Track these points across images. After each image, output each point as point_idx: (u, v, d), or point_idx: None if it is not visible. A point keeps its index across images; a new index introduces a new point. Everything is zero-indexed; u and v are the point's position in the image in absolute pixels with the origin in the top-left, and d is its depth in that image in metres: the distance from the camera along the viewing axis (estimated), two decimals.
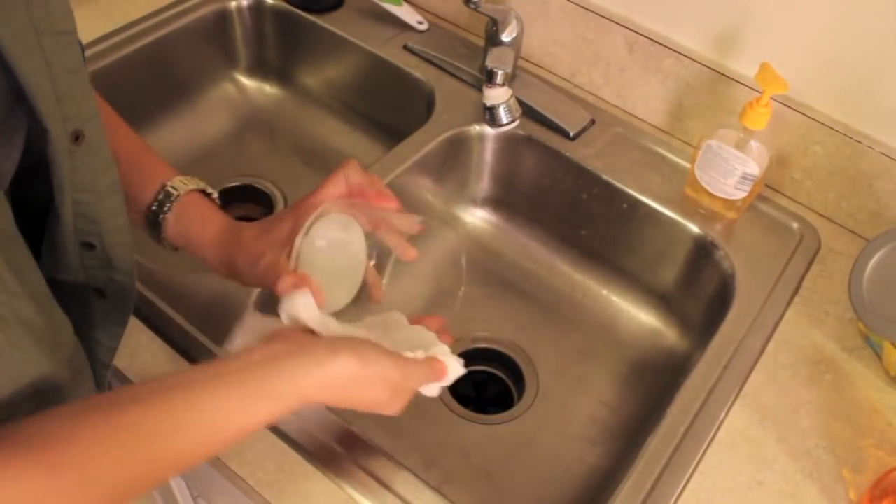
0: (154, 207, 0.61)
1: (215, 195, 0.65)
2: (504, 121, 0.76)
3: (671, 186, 0.88)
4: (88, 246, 0.50)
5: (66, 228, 0.47)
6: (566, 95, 0.98)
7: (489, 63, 0.75)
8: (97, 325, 0.56)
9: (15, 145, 0.42)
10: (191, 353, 0.69)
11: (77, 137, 0.44)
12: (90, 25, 0.97)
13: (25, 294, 0.40)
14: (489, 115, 0.76)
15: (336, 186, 0.59)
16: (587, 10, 0.92)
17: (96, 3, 1.02)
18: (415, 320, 0.60)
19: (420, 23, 1.05)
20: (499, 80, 0.75)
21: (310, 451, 0.63)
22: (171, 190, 0.61)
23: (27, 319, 0.40)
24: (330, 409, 0.66)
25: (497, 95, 0.76)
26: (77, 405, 0.42)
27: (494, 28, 0.88)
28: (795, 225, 0.86)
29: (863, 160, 0.81)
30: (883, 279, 0.72)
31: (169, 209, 0.61)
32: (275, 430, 0.64)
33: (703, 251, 0.85)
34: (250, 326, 0.54)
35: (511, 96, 0.76)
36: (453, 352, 0.55)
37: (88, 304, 0.55)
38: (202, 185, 0.63)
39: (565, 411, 0.84)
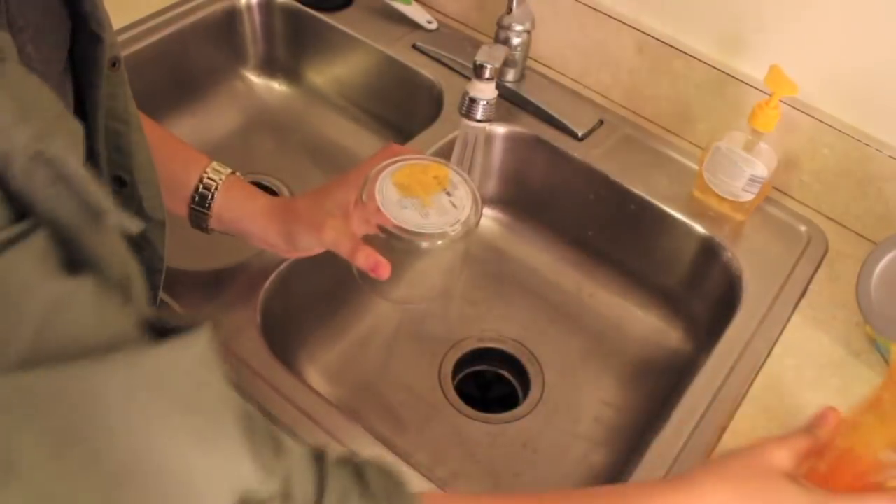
0: (201, 190, 0.65)
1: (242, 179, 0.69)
2: (478, 117, 0.76)
3: (679, 188, 0.88)
4: (120, 182, 0.50)
5: (102, 156, 0.47)
6: (575, 96, 0.98)
7: (478, 58, 0.75)
8: None
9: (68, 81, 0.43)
10: None
11: (114, 64, 0.44)
12: None
13: None
14: (467, 106, 0.76)
15: (384, 157, 0.62)
16: (597, 11, 0.92)
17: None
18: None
19: (429, 22, 1.05)
20: (487, 74, 0.75)
21: None
22: (214, 174, 0.66)
23: None
24: (337, 406, 0.67)
25: (482, 90, 0.75)
26: None
27: (509, 10, 0.89)
28: (803, 227, 0.85)
29: (871, 163, 0.81)
30: (891, 283, 0.72)
31: (216, 191, 0.65)
32: (282, 427, 0.65)
33: (710, 253, 0.85)
34: None
35: (495, 97, 0.76)
36: (459, 353, 0.56)
37: None
38: (231, 169, 0.68)
39: (570, 411, 0.84)
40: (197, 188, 0.65)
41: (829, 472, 0.53)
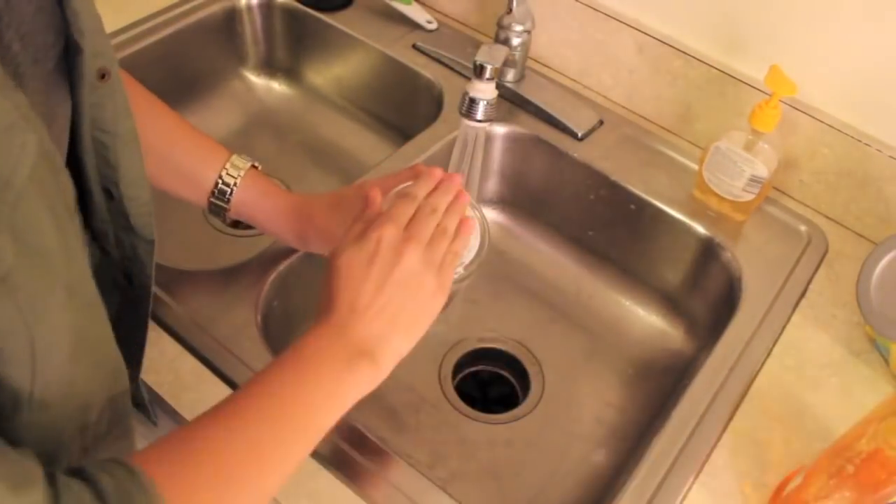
0: (220, 186, 0.67)
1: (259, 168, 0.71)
2: (479, 117, 0.76)
3: (679, 188, 0.88)
4: (108, 194, 0.50)
5: (89, 165, 0.47)
6: (575, 96, 0.98)
7: (478, 58, 0.75)
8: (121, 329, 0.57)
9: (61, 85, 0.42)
10: (199, 350, 0.69)
11: (103, 75, 0.44)
12: None
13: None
14: (468, 106, 0.76)
15: (408, 177, 0.62)
16: (597, 10, 0.93)
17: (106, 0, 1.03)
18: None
19: (429, 22, 1.05)
20: (487, 74, 0.75)
21: (316, 449, 0.63)
22: (233, 170, 0.67)
23: None
24: None
25: (482, 90, 0.76)
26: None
27: (509, 10, 0.89)
28: (803, 228, 0.85)
29: (871, 163, 0.81)
30: (890, 283, 0.72)
31: (236, 184, 0.67)
32: None
33: (710, 253, 0.85)
34: None
35: (495, 97, 0.76)
36: (459, 353, 0.56)
37: (117, 300, 0.56)
38: (252, 160, 0.69)
39: (570, 411, 0.84)
40: (216, 183, 0.67)
41: (857, 473, 0.54)
